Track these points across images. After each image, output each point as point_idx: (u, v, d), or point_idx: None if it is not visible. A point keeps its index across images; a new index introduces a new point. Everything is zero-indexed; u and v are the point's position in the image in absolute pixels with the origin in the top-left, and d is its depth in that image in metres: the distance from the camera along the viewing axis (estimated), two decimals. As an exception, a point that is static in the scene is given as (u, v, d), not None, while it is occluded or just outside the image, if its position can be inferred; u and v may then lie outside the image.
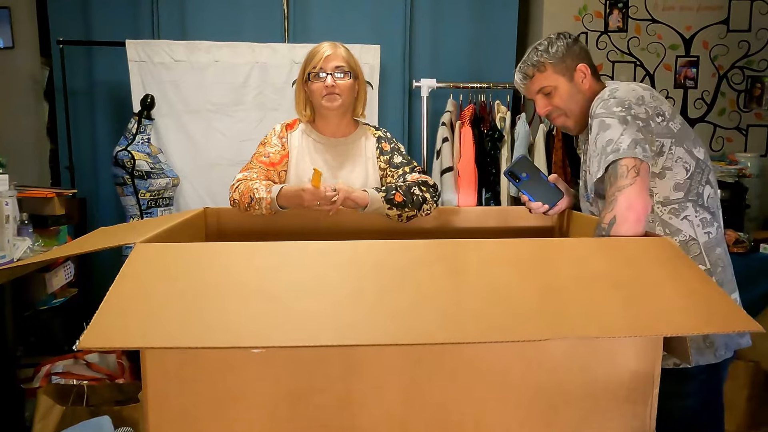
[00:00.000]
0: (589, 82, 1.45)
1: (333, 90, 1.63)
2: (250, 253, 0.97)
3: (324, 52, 1.63)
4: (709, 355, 1.33)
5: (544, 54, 1.44)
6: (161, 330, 0.79)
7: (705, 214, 1.34)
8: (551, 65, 1.44)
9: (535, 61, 1.45)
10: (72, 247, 1.38)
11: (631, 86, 1.34)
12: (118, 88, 3.15)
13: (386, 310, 0.84)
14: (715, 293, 0.90)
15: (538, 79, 1.46)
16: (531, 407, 0.91)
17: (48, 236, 2.47)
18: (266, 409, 0.88)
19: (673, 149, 1.31)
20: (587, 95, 1.44)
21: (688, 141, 1.34)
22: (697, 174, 1.33)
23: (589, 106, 1.43)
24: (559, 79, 1.44)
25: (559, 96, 1.45)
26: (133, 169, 2.69)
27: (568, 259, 0.97)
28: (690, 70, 3.39)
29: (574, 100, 1.45)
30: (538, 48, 1.46)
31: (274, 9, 3.26)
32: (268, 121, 3.03)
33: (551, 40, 1.46)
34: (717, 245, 1.35)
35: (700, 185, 1.34)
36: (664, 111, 1.32)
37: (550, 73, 1.44)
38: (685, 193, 1.32)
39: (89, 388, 2.16)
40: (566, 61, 1.44)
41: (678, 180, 1.32)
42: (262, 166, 1.65)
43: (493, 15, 3.38)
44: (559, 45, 1.44)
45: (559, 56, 1.44)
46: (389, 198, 1.53)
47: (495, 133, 2.96)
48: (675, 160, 1.31)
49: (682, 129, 1.34)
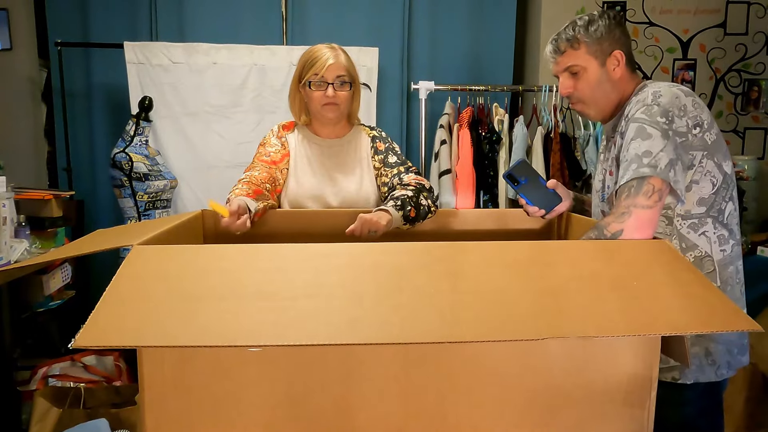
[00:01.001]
0: (621, 71, 1.36)
1: (334, 101, 1.63)
2: (248, 255, 0.97)
3: (326, 59, 1.60)
4: (710, 373, 1.31)
5: (582, 30, 1.35)
6: (158, 329, 0.79)
7: (723, 231, 1.31)
8: (586, 44, 1.35)
9: (570, 36, 1.36)
10: (69, 249, 1.38)
11: (673, 91, 1.27)
12: (116, 90, 3.15)
13: (384, 311, 0.83)
14: (713, 294, 0.90)
15: (569, 56, 1.37)
16: (528, 409, 0.91)
17: (45, 238, 2.46)
18: (264, 411, 0.87)
19: (704, 162, 1.27)
20: (616, 85, 1.37)
21: (719, 154, 1.29)
22: (723, 189, 1.29)
23: (616, 96, 1.37)
24: (590, 61, 1.35)
25: (587, 80, 1.37)
26: (130, 171, 2.68)
27: (566, 261, 0.97)
28: (687, 73, 3.40)
29: (601, 88, 1.37)
30: (577, 23, 1.36)
31: (272, 11, 3.26)
32: (266, 123, 3.03)
33: (593, 17, 1.36)
34: (731, 263, 1.33)
35: (724, 201, 1.30)
36: (703, 120, 1.26)
37: (582, 53, 1.35)
38: (708, 208, 1.29)
39: (86, 390, 2.16)
40: (603, 43, 1.34)
41: (703, 195, 1.28)
42: (264, 165, 1.66)
43: (491, 18, 3.39)
44: (600, 24, 1.34)
45: (597, 36, 1.34)
46: (406, 215, 1.51)
47: (493, 135, 2.97)
48: (704, 174, 1.27)
49: (716, 140, 1.28)
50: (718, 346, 1.31)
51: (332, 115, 1.67)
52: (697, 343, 1.30)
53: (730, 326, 0.86)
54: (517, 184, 1.46)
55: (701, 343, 1.31)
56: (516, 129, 2.95)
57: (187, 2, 3.20)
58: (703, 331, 0.85)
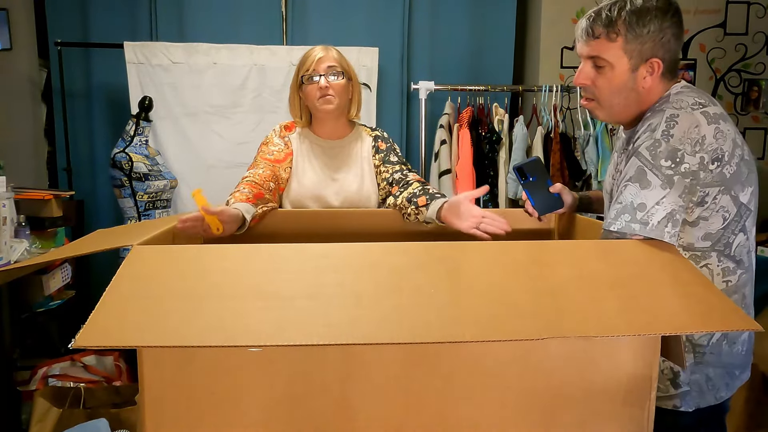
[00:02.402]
0: (652, 81, 1.17)
1: (327, 91, 1.63)
2: (247, 255, 0.97)
3: (316, 54, 1.65)
4: (710, 397, 1.23)
5: (627, 21, 1.13)
6: (158, 329, 0.79)
7: (728, 263, 1.17)
8: (625, 39, 1.14)
9: (611, 20, 1.14)
10: (69, 249, 1.37)
11: (695, 117, 1.09)
12: (116, 90, 3.15)
13: (384, 311, 0.83)
14: (713, 294, 0.90)
15: (600, 46, 1.16)
16: (528, 409, 0.91)
17: (45, 238, 2.47)
18: (264, 411, 0.87)
19: (718, 198, 1.12)
20: (641, 95, 1.19)
21: (737, 185, 1.13)
22: (734, 223, 1.15)
23: (636, 107, 1.21)
24: (621, 60, 1.16)
25: (608, 79, 1.18)
26: (130, 171, 2.68)
27: (566, 261, 0.97)
28: (687, 73, 3.40)
29: (622, 95, 1.19)
30: (627, 8, 1.13)
31: (272, 11, 3.26)
32: (266, 123, 3.03)
33: (647, 8, 1.12)
34: (735, 292, 1.20)
35: (732, 234, 1.16)
36: (723, 153, 1.10)
37: (617, 46, 1.15)
38: (713, 243, 1.15)
39: (86, 390, 2.16)
40: (645, 44, 1.14)
41: (710, 230, 1.14)
42: (267, 163, 1.66)
43: (491, 17, 3.39)
44: (650, 22, 1.12)
45: (642, 35, 1.13)
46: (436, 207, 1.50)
47: (493, 135, 2.97)
48: (716, 210, 1.13)
49: (736, 171, 1.12)
50: (717, 370, 1.24)
51: (329, 107, 1.65)
52: (697, 370, 1.21)
53: (730, 326, 0.86)
54: (525, 179, 1.46)
55: (701, 370, 1.22)
56: (516, 129, 2.96)
57: (187, 2, 3.20)
58: (703, 330, 0.85)
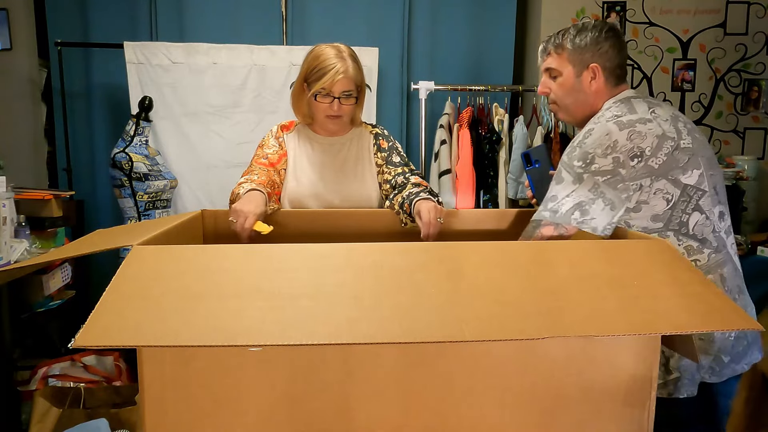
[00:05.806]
0: (597, 84, 1.38)
1: (338, 113, 1.64)
2: (247, 255, 0.97)
3: (335, 72, 1.55)
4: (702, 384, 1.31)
5: (569, 38, 1.39)
6: (158, 329, 0.79)
7: (691, 242, 1.28)
8: (568, 51, 1.39)
9: (558, 43, 1.41)
10: (69, 249, 1.37)
11: (607, 126, 1.27)
12: (116, 90, 3.15)
13: (384, 311, 0.83)
14: (713, 293, 0.90)
15: (551, 59, 1.43)
16: (528, 409, 0.91)
17: (45, 238, 2.47)
18: (263, 412, 0.87)
19: (653, 184, 1.25)
20: (590, 97, 1.40)
21: (675, 169, 1.26)
22: (682, 203, 1.27)
23: (588, 108, 1.40)
24: (567, 68, 1.40)
25: (560, 85, 1.42)
26: (130, 171, 2.68)
27: (566, 261, 0.97)
28: (687, 73, 3.40)
29: (572, 97, 1.42)
30: (570, 30, 1.41)
31: (272, 11, 3.26)
32: (265, 123, 3.03)
33: (586, 27, 1.39)
34: (708, 272, 1.29)
35: (685, 214, 1.27)
36: (643, 149, 1.24)
37: (563, 59, 1.40)
38: (665, 223, 1.27)
39: (86, 390, 2.16)
40: (584, 54, 1.38)
41: (656, 212, 1.27)
42: (262, 168, 1.65)
43: (491, 17, 3.39)
44: (588, 35, 1.38)
45: (581, 47, 1.38)
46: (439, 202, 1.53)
47: (493, 135, 2.97)
48: (653, 192, 1.25)
49: (668, 160, 1.25)
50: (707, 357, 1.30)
51: (334, 127, 1.70)
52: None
53: (730, 325, 0.86)
54: (530, 165, 1.50)
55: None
56: (516, 129, 2.95)
57: (187, 2, 3.20)
58: (703, 329, 0.85)
